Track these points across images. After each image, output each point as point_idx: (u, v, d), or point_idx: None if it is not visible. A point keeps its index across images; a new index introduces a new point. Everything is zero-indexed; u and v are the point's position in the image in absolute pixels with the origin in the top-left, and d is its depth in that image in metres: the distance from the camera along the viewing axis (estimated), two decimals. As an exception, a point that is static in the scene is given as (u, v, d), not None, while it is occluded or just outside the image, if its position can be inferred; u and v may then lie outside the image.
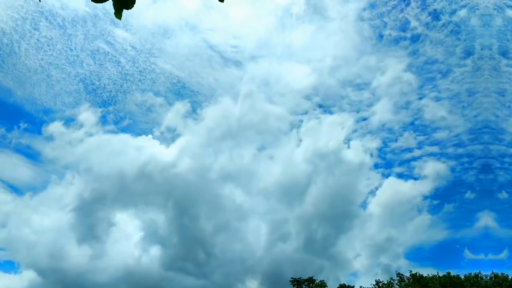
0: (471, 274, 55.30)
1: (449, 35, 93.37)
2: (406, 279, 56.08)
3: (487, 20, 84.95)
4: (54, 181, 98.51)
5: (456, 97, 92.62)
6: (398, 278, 56.73)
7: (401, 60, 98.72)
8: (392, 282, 56.74)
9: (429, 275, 55.55)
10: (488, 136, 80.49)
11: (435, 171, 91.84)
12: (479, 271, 55.38)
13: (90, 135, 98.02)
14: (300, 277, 64.74)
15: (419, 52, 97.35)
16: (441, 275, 55.34)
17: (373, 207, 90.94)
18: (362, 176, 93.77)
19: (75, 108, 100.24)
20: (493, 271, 55.10)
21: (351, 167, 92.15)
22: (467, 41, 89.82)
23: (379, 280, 57.93)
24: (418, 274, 55.94)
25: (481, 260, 70.17)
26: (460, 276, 55.37)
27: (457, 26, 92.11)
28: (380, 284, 57.31)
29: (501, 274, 54.54)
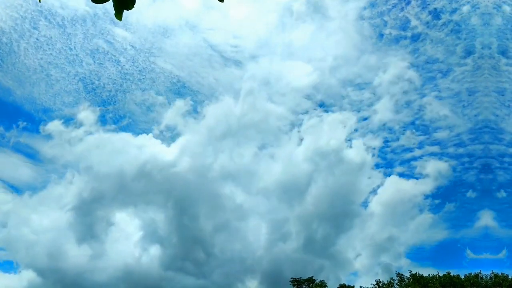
0: (471, 274, 55.25)
1: (450, 34, 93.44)
2: (406, 279, 56.01)
3: (487, 19, 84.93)
4: (54, 181, 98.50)
5: (457, 96, 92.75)
6: (398, 278, 56.68)
7: (402, 60, 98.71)
8: (392, 282, 56.69)
9: (429, 275, 55.51)
10: (488, 136, 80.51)
11: (436, 171, 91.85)
12: (480, 271, 55.38)
13: (90, 134, 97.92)
14: (300, 277, 64.64)
15: (420, 51, 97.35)
16: (441, 275, 55.28)
17: (374, 206, 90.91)
18: (363, 175, 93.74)
19: (75, 107, 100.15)
20: (493, 271, 55.12)
21: (352, 167, 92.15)
22: (468, 40, 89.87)
23: (379, 280, 57.92)
24: (418, 274, 55.87)
25: (483, 260, 70.09)
26: (460, 276, 55.30)
27: (458, 25, 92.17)
28: (380, 284, 57.26)
29: (501, 274, 54.51)
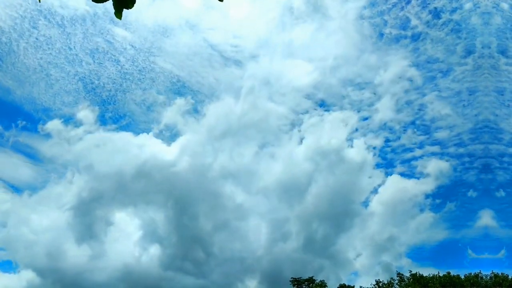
0: (471, 274, 55.16)
1: (450, 34, 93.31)
2: (406, 279, 55.93)
3: (487, 18, 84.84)
4: (53, 180, 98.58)
5: (457, 96, 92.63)
6: (398, 278, 56.59)
7: (402, 59, 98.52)
8: (392, 282, 56.61)
9: (430, 275, 55.40)
10: (488, 136, 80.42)
11: (437, 170, 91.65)
12: (480, 271, 55.28)
13: (89, 134, 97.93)
14: (300, 277, 64.56)
15: (420, 51, 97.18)
16: (441, 275, 55.18)
17: (375, 206, 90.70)
18: (364, 175, 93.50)
19: (74, 107, 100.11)
20: (493, 271, 55.01)
21: (352, 166, 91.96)
22: (468, 40, 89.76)
23: (379, 280, 57.83)
24: (418, 274, 55.79)
25: (484, 259, 70.00)
26: (460, 276, 55.20)
27: (458, 25, 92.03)
28: (380, 284, 57.18)
29: (501, 274, 54.42)
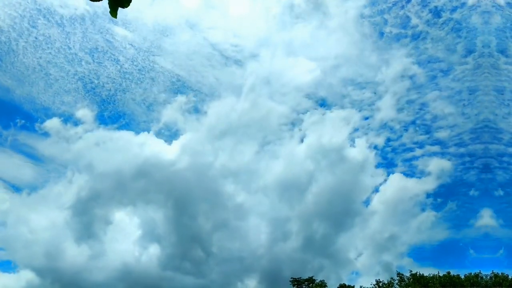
0: (471, 274, 55.05)
1: (450, 33, 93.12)
2: (406, 279, 55.82)
3: (487, 18, 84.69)
4: (53, 179, 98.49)
5: (458, 95, 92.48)
6: (399, 278, 56.48)
7: (402, 58, 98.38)
8: (392, 282, 56.50)
9: (430, 275, 55.29)
10: (488, 135, 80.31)
11: (438, 169, 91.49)
12: (480, 271, 55.17)
13: (89, 133, 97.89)
14: (300, 277, 64.45)
15: (420, 50, 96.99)
16: (442, 275, 55.07)
17: (376, 205, 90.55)
18: (365, 174, 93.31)
19: (74, 107, 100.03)
20: (493, 271, 54.89)
21: (353, 165, 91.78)
22: (468, 39, 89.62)
23: (379, 280, 57.74)
24: (418, 274, 55.69)
25: (485, 259, 69.91)
26: (460, 276, 55.10)
27: (458, 24, 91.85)
28: (380, 284, 57.09)
29: (501, 274, 54.31)
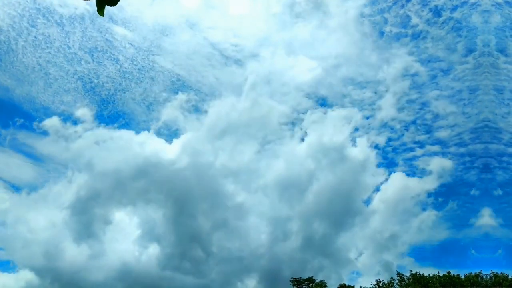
0: (471, 274, 54.90)
1: (450, 32, 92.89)
2: (406, 279, 55.67)
3: (486, 17, 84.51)
4: (52, 179, 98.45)
5: (458, 95, 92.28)
6: (399, 278, 56.32)
7: (402, 58, 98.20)
8: (393, 282, 56.35)
9: (430, 275, 55.13)
10: (488, 135, 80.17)
11: (440, 168, 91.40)
12: (480, 271, 55.02)
13: (89, 132, 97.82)
14: (300, 277, 64.29)
15: (421, 49, 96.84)
16: (442, 275, 54.92)
17: (377, 204, 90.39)
18: (366, 173, 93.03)
19: (73, 106, 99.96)
20: (492, 271, 54.74)
21: (354, 164, 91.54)
22: (468, 38, 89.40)
23: (379, 280, 57.59)
24: (419, 274, 55.53)
25: (487, 259, 69.77)
26: (460, 276, 54.94)
27: (458, 23, 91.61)
28: (380, 284, 56.93)
29: (501, 274, 54.16)
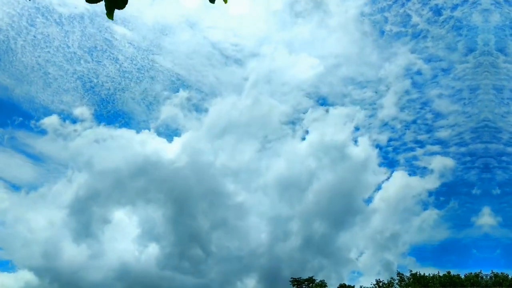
0: (471, 274, 54.92)
1: (451, 31, 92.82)
2: (407, 279, 55.66)
3: (486, 16, 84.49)
4: (52, 178, 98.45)
5: (458, 94, 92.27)
6: (399, 278, 56.32)
7: (403, 57, 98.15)
8: (393, 282, 56.34)
9: (430, 275, 55.13)
10: (487, 134, 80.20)
11: (441, 167, 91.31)
12: (480, 271, 55.03)
13: (88, 132, 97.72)
14: (300, 277, 64.28)
15: (421, 49, 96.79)
16: (442, 275, 54.92)
17: (378, 203, 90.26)
18: (366, 172, 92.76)
19: (73, 106, 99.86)
20: (493, 271, 54.76)
21: (355, 163, 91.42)
22: (469, 37, 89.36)
23: (380, 280, 57.58)
24: (419, 274, 55.53)
25: (486, 258, 69.85)
26: (460, 276, 54.95)
27: (459, 22, 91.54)
28: (381, 284, 56.92)
29: (501, 274, 54.18)
